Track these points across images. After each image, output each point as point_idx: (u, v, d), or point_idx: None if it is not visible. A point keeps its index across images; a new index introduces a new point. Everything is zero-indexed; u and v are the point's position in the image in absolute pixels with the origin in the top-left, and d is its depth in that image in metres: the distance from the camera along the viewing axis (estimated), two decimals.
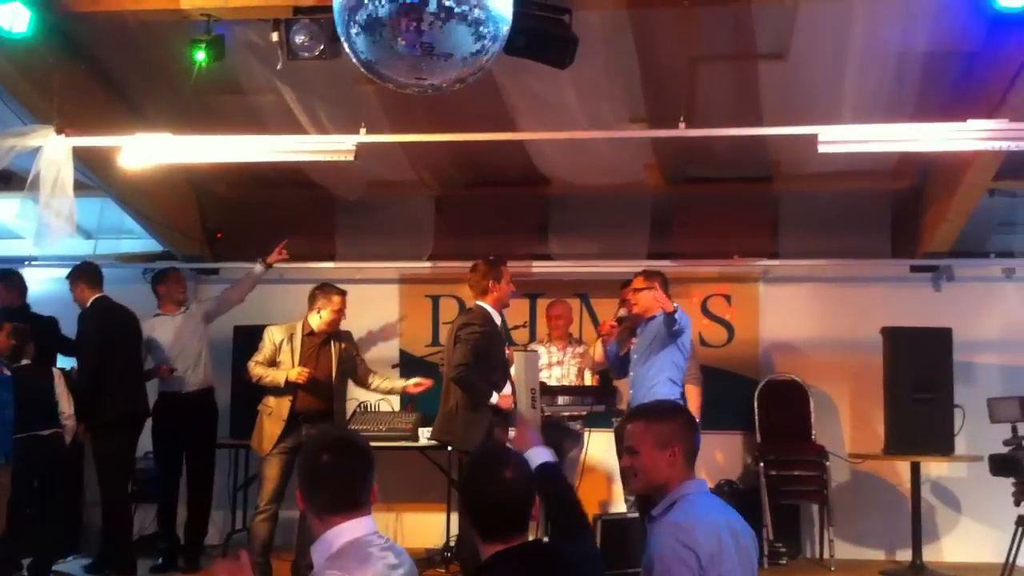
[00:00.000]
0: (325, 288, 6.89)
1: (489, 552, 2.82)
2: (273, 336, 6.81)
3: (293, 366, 6.70)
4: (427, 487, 7.88)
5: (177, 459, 7.54)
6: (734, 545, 3.09)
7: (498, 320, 6.57)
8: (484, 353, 6.32)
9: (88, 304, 7.22)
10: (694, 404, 6.79)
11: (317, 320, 6.79)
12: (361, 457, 2.84)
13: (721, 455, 8.22)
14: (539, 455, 3.34)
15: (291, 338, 6.80)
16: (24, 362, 6.77)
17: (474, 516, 2.88)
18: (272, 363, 6.75)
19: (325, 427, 2.61)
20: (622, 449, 6.84)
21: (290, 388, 6.68)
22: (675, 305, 6.05)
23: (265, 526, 6.63)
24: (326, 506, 2.75)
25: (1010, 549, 5.75)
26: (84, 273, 7.32)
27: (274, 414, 6.70)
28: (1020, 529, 5.75)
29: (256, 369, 6.74)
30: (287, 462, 6.60)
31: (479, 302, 6.54)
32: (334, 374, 6.81)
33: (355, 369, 7.04)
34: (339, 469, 2.78)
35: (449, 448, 6.86)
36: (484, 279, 6.53)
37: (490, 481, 2.85)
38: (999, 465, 5.81)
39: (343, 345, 6.91)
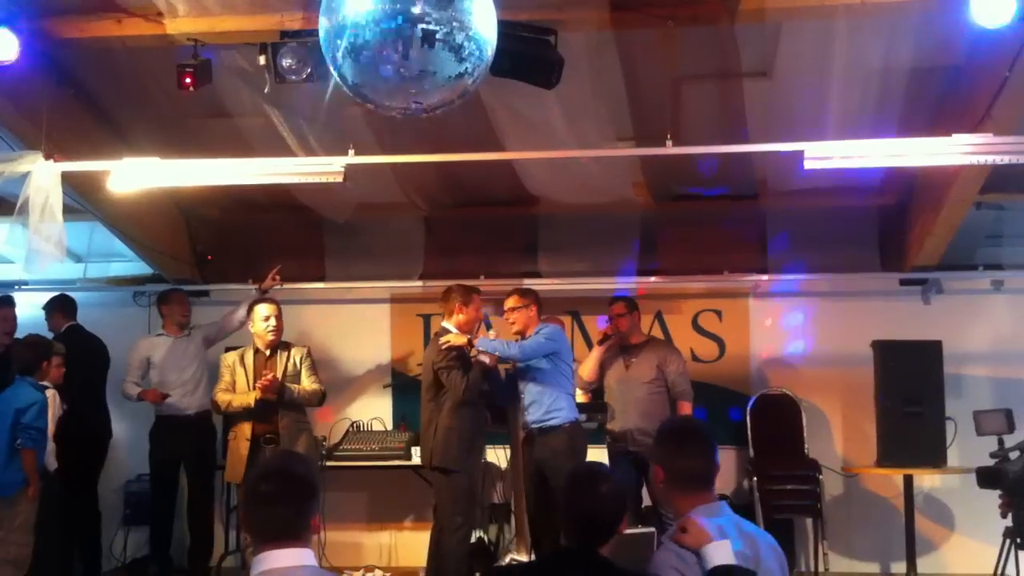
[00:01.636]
0: (252, 304, 7.04)
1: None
2: (227, 361, 6.89)
3: (249, 386, 6.72)
4: (420, 506, 7.88)
5: (172, 482, 7.53)
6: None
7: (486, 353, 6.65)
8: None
9: (61, 331, 7.62)
10: None
11: (256, 337, 6.91)
12: (299, 488, 2.80)
13: None
14: (717, 555, 3.01)
15: (242, 359, 6.85)
16: None
17: (567, 524, 3.17)
18: (232, 387, 6.79)
19: (273, 454, 2.58)
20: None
21: (248, 410, 6.69)
22: (545, 324, 6.59)
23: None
24: (260, 534, 2.76)
25: (998, 562, 5.74)
26: (60, 304, 7.88)
27: (239, 436, 6.72)
28: (1007, 541, 5.75)
29: (221, 396, 6.79)
30: None
31: (444, 323, 6.77)
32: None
33: (297, 380, 6.93)
34: (274, 499, 2.76)
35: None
36: (453, 301, 6.79)
37: (586, 495, 3.15)
38: (986, 478, 5.81)
39: (289, 357, 6.89)
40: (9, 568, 6.44)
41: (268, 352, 6.84)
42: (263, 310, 6.83)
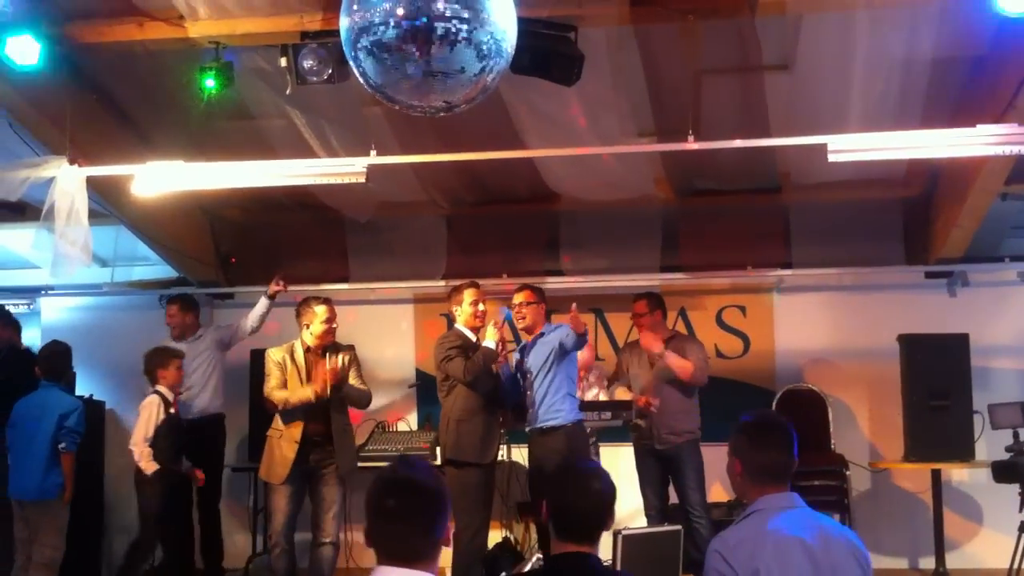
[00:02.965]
0: (307, 302, 6.70)
1: (560, 550, 3.10)
2: (275, 358, 6.60)
3: (302, 383, 6.50)
4: None
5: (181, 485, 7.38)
6: (806, 564, 3.00)
7: (490, 341, 6.45)
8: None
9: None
10: (677, 360, 6.86)
11: (309, 336, 6.62)
12: (429, 503, 2.60)
13: None
14: None
15: (292, 356, 6.59)
16: None
17: (556, 517, 3.11)
18: (284, 385, 6.53)
19: (398, 463, 2.41)
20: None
21: (303, 408, 6.48)
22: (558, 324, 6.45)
23: (283, 560, 6.43)
24: (384, 551, 2.57)
25: (1014, 555, 5.67)
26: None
27: (285, 436, 6.48)
28: (1022, 535, 5.67)
29: (277, 394, 6.48)
30: (297, 491, 6.47)
31: (456, 324, 6.70)
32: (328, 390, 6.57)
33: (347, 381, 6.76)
34: (401, 515, 2.57)
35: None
36: (449, 305, 6.76)
37: (579, 490, 3.11)
38: (1002, 472, 5.76)
39: (341, 358, 6.69)
40: (43, 570, 6.51)
41: (318, 353, 6.65)
42: (324, 311, 6.64)
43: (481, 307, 6.59)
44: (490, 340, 6.40)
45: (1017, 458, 5.63)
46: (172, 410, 6.85)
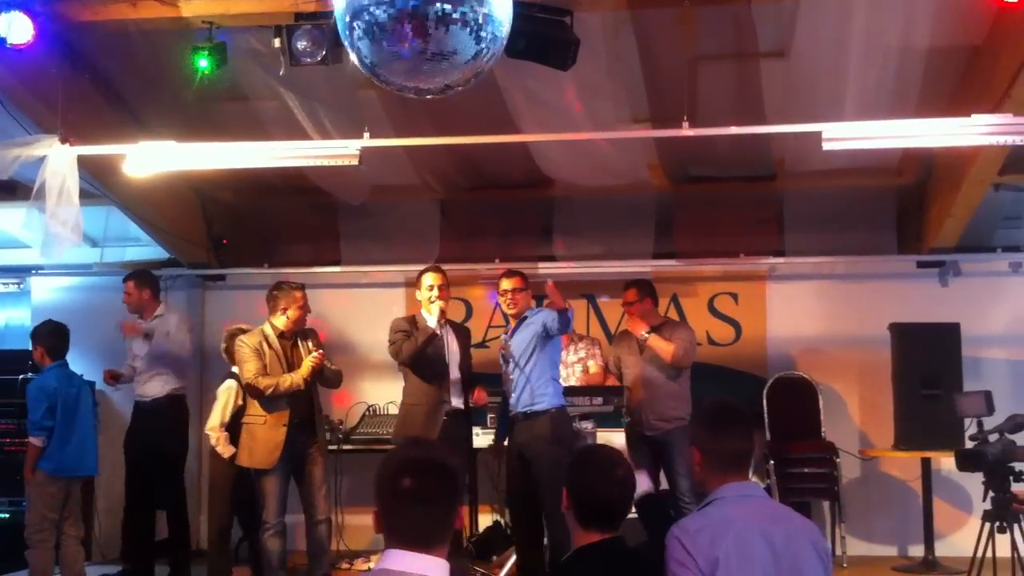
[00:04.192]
0: (284, 286, 6.61)
1: (584, 540, 3.08)
2: (251, 344, 6.46)
3: (283, 369, 6.44)
4: None
5: (137, 470, 7.29)
6: (766, 555, 2.99)
7: (431, 322, 6.51)
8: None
9: None
10: (661, 342, 6.87)
11: (283, 320, 6.53)
12: (451, 484, 2.49)
13: None
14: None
15: (267, 341, 6.49)
16: None
17: (580, 505, 3.09)
18: (265, 371, 6.42)
19: (408, 441, 2.33)
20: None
21: (290, 393, 6.42)
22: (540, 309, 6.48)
23: (276, 541, 6.43)
24: (399, 536, 2.45)
25: (976, 546, 5.66)
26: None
27: (270, 422, 6.40)
28: (986, 524, 5.67)
29: (264, 380, 6.36)
30: (285, 474, 6.45)
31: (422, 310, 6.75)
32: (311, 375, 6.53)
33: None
34: (423, 498, 2.44)
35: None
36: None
37: (602, 477, 3.09)
38: (966, 460, 5.75)
39: (310, 343, 6.64)
40: (74, 543, 6.68)
41: (291, 339, 6.59)
42: (302, 297, 6.53)
43: (435, 292, 6.56)
44: (431, 319, 6.40)
45: (981, 447, 5.61)
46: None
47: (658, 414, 6.86)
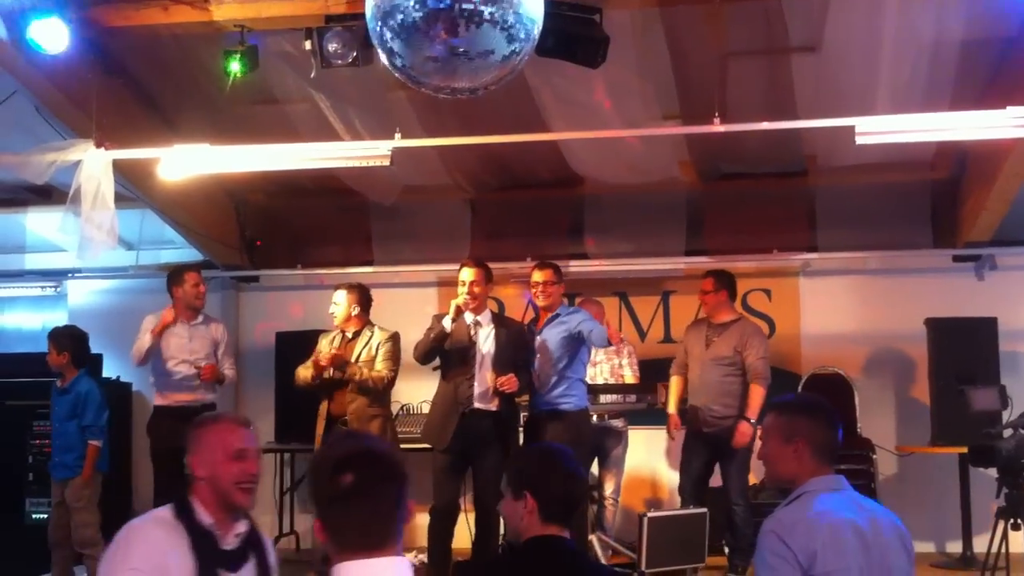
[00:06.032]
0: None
1: (542, 532, 3.09)
2: (321, 343, 6.79)
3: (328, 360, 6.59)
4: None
5: (168, 474, 7.15)
6: (858, 546, 2.99)
7: (447, 321, 6.37)
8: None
9: None
10: (757, 403, 6.66)
11: (336, 320, 6.79)
12: (390, 473, 2.25)
13: None
14: None
15: (332, 340, 6.74)
16: None
17: (545, 502, 3.09)
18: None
19: (339, 435, 2.22)
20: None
21: (324, 388, 6.59)
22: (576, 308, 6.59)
23: None
24: (345, 541, 2.21)
25: (991, 542, 5.55)
26: None
27: (320, 411, 6.65)
28: (999, 521, 5.55)
29: (298, 371, 6.65)
30: None
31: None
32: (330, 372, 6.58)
33: (372, 364, 6.68)
34: (361, 491, 2.20)
35: None
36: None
37: (568, 475, 3.14)
38: (979, 456, 5.65)
39: (370, 340, 6.68)
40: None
41: (350, 335, 6.73)
42: (344, 296, 6.73)
43: (465, 288, 6.38)
44: (447, 318, 6.37)
45: (994, 442, 5.50)
46: None
47: (714, 411, 6.80)
